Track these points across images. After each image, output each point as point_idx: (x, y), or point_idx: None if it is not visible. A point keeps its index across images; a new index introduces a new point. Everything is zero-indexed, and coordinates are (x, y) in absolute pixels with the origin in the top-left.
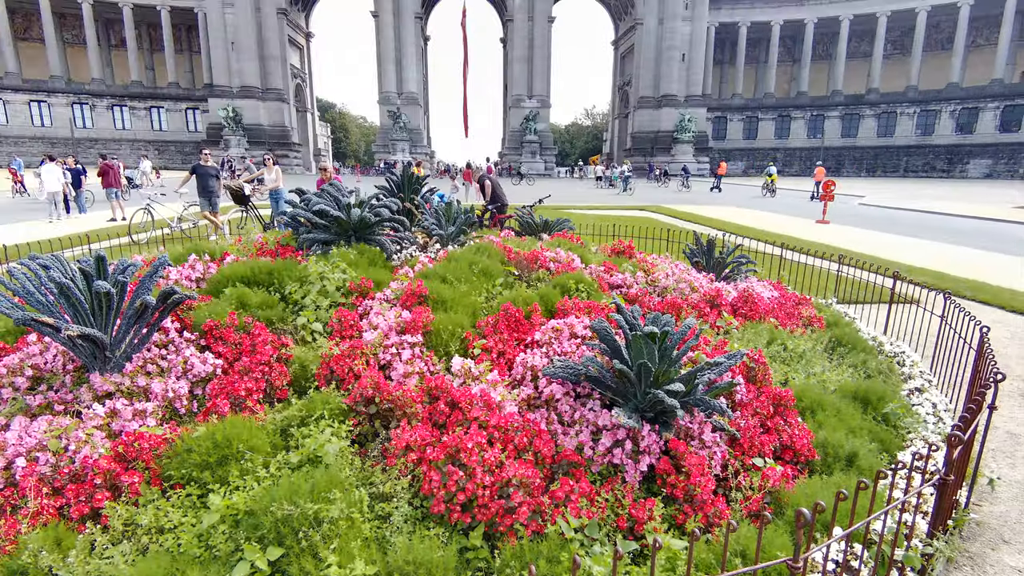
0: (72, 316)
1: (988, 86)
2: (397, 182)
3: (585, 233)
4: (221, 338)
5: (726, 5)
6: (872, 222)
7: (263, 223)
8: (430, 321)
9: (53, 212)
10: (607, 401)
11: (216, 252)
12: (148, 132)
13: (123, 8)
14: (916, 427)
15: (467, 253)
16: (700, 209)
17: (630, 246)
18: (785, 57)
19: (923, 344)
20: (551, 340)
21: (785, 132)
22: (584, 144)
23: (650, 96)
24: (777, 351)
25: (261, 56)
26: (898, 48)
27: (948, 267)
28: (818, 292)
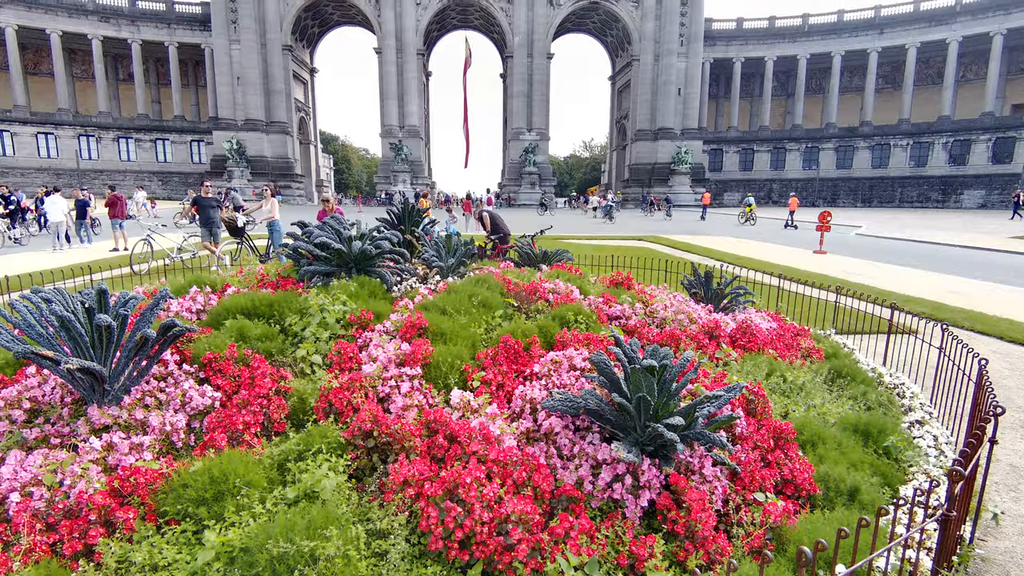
0: (72, 349)
1: (979, 119)
2: (398, 214)
3: (583, 264)
4: (220, 370)
5: (720, 42)
6: (869, 252)
7: (258, 254)
8: (429, 353)
9: (56, 243)
10: (607, 434)
11: (217, 284)
12: (153, 163)
13: (132, 44)
14: (918, 460)
15: (467, 285)
16: (697, 239)
17: (628, 277)
18: (779, 91)
19: (922, 375)
20: (550, 372)
21: (781, 163)
22: (583, 175)
23: (647, 129)
24: (777, 383)
25: (266, 90)
26: (890, 82)
27: (945, 297)
28: (816, 323)
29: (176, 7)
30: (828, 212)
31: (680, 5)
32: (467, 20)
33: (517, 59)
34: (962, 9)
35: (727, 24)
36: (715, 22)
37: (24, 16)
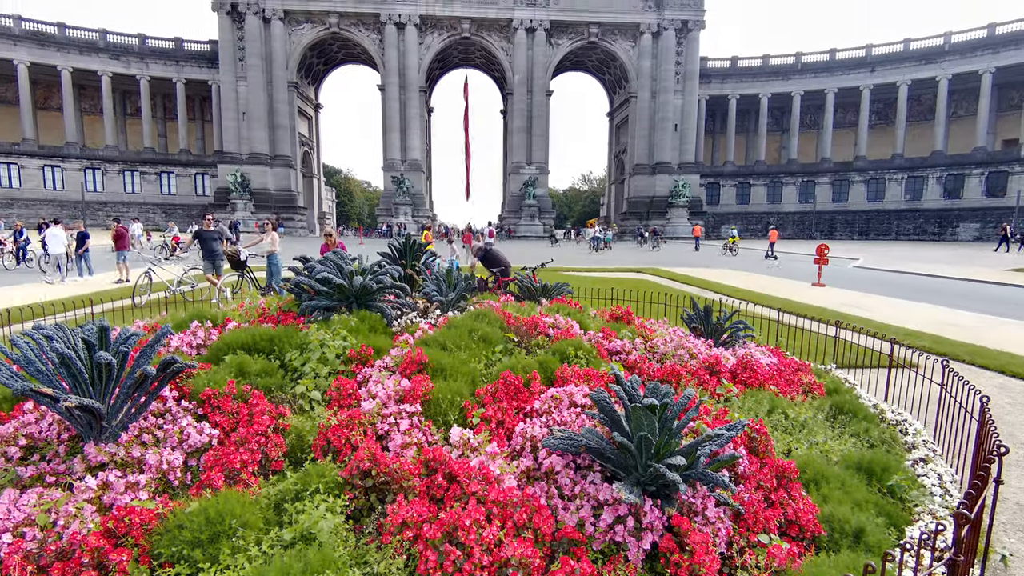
0: (71, 385)
1: (971, 154)
2: (399, 249)
3: (583, 297)
4: (219, 407)
5: (716, 79)
6: (867, 285)
7: (259, 287)
8: (429, 390)
9: (55, 274)
10: (608, 473)
11: (218, 318)
12: (157, 196)
13: (140, 80)
14: (923, 500)
15: (467, 319)
16: (695, 271)
17: (628, 312)
18: (774, 127)
19: (924, 410)
20: (550, 409)
21: (777, 197)
22: (582, 208)
23: (645, 163)
24: (778, 420)
25: (271, 125)
26: (882, 118)
27: (945, 330)
28: (817, 357)
29: (185, 45)
30: (825, 246)
31: (676, 45)
32: (468, 59)
33: (517, 96)
34: (951, 49)
35: (722, 63)
36: (710, 60)
37: (37, 53)
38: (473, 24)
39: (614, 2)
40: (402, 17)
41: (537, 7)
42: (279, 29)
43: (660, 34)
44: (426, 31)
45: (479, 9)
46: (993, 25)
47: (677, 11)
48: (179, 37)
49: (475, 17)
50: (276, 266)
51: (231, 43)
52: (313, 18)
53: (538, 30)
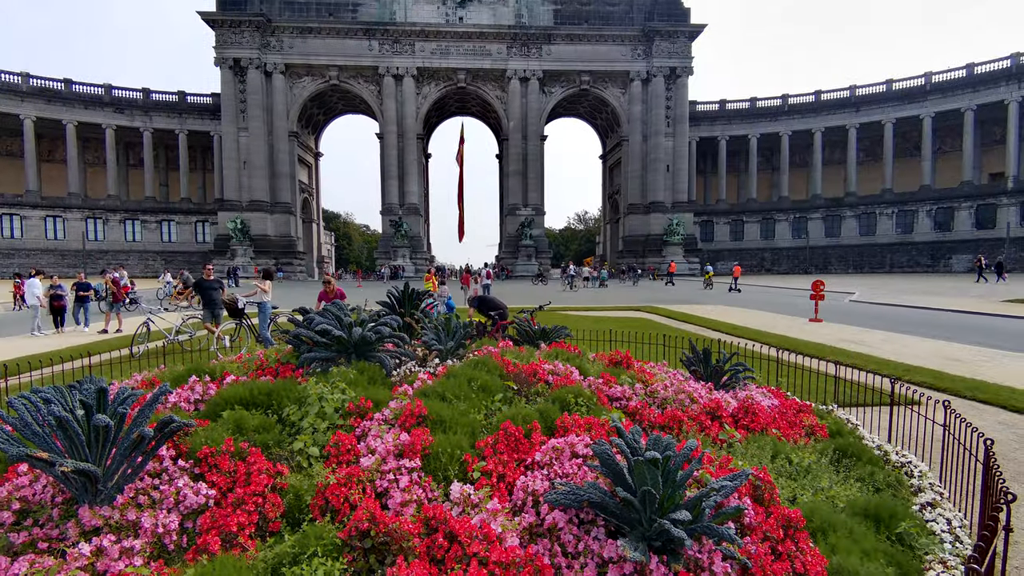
0: (67, 447)
1: (959, 187)
2: (398, 297)
3: (581, 340)
4: (216, 466)
5: (705, 122)
6: (864, 319)
7: (256, 334)
8: (429, 444)
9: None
10: (612, 527)
11: (216, 371)
12: (157, 243)
13: (144, 133)
14: (933, 548)
15: (466, 368)
16: (692, 309)
17: (627, 356)
18: (764, 165)
19: (929, 449)
20: (552, 461)
21: (770, 233)
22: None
23: (638, 203)
24: (782, 465)
25: (271, 174)
26: (870, 155)
27: (945, 365)
28: (817, 396)
29: (188, 98)
30: (821, 282)
31: (665, 90)
32: (465, 107)
33: (512, 141)
34: (932, 88)
35: (711, 106)
36: (699, 104)
37: (43, 109)
38: (469, 74)
39: (604, 52)
40: (400, 69)
41: (530, 58)
42: (280, 82)
43: (649, 81)
44: (423, 82)
45: (474, 61)
46: (972, 65)
47: (665, 59)
48: (182, 91)
49: (470, 68)
50: (265, 313)
51: (233, 96)
52: (313, 71)
53: (531, 79)
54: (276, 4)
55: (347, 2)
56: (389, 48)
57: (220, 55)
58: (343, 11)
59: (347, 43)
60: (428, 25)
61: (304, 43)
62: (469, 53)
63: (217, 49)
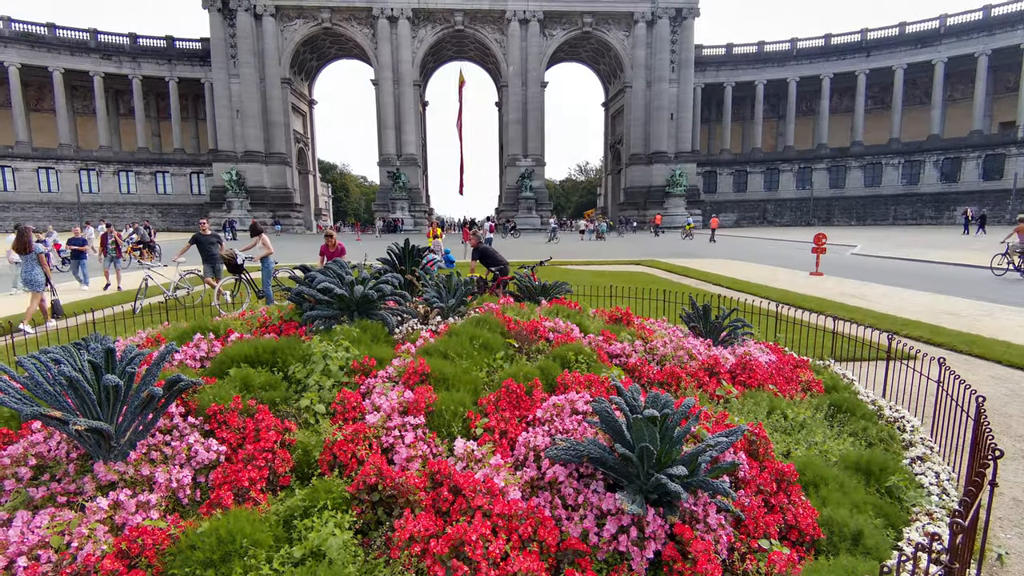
0: (79, 407)
1: (968, 137)
2: (399, 254)
3: (582, 295)
4: (225, 423)
5: (711, 67)
6: (865, 272)
7: (255, 289)
8: (432, 401)
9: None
10: (611, 481)
11: (220, 329)
12: (152, 196)
13: (133, 80)
14: (920, 500)
15: (467, 326)
16: (692, 263)
17: (627, 313)
18: (770, 114)
19: (922, 404)
20: (552, 418)
21: (774, 184)
22: (579, 199)
23: (641, 153)
24: (777, 421)
25: (265, 123)
26: (879, 103)
27: (942, 319)
28: (815, 351)
29: (176, 44)
30: (823, 235)
31: (670, 33)
32: (462, 52)
33: (512, 88)
34: (947, 31)
35: (717, 50)
36: (705, 48)
37: (28, 55)
38: (466, 16)
39: None
40: (394, 11)
41: None
42: (271, 25)
43: (654, 23)
44: (419, 24)
45: (472, 1)
46: (988, 7)
47: None
48: (170, 36)
49: (468, 9)
50: (268, 269)
51: (223, 40)
52: (305, 13)
53: (532, 21)
54: None
55: None
56: None
57: None
58: None
59: None
60: None
61: None
62: None
63: None
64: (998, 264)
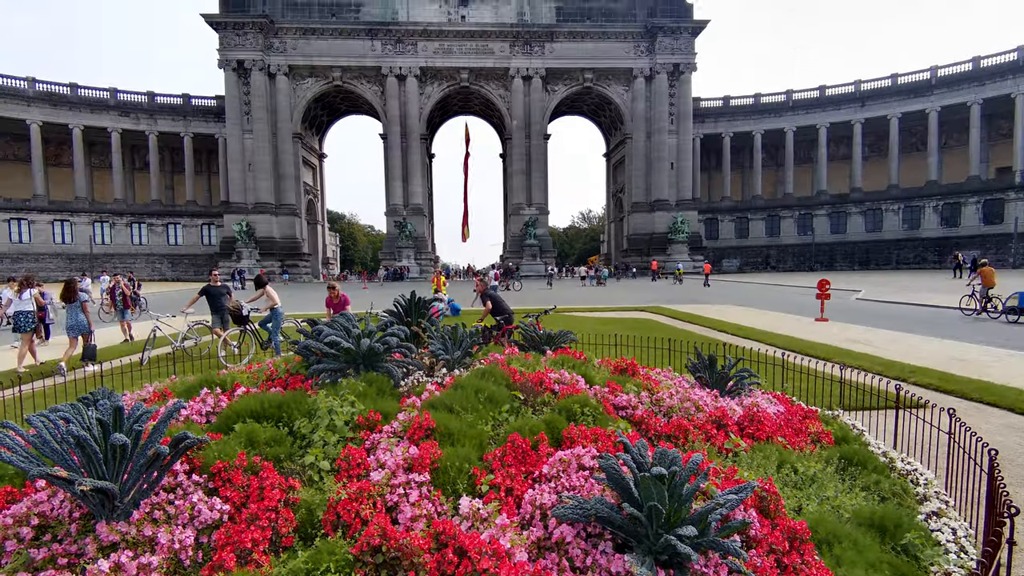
0: (85, 464)
1: (966, 183)
2: (405, 306)
3: (586, 344)
4: (229, 480)
5: (709, 119)
6: (870, 318)
7: (260, 340)
8: (437, 457)
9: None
10: (619, 540)
11: (227, 383)
12: (164, 247)
13: (149, 136)
14: (938, 559)
15: (473, 379)
16: (697, 309)
17: (632, 363)
18: (769, 162)
19: (934, 455)
20: (559, 473)
21: (776, 230)
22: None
23: (643, 201)
24: (788, 475)
25: (276, 176)
26: (876, 150)
27: (951, 365)
28: (823, 400)
29: (192, 101)
30: (827, 280)
31: (668, 87)
32: (468, 106)
33: (516, 141)
34: (938, 82)
35: (715, 102)
36: (703, 101)
37: (50, 113)
38: (472, 74)
39: (607, 49)
40: (403, 69)
41: (533, 56)
42: (284, 84)
43: (653, 78)
44: (426, 81)
45: (477, 59)
46: (977, 59)
47: (668, 56)
48: (187, 93)
49: (473, 67)
50: (277, 320)
51: (237, 98)
52: (317, 73)
53: (534, 78)
54: (279, 5)
55: (349, 2)
56: (392, 48)
57: (224, 57)
58: (346, 12)
59: (350, 44)
60: (430, 24)
61: (307, 44)
62: (472, 52)
63: (221, 51)
64: (966, 305)
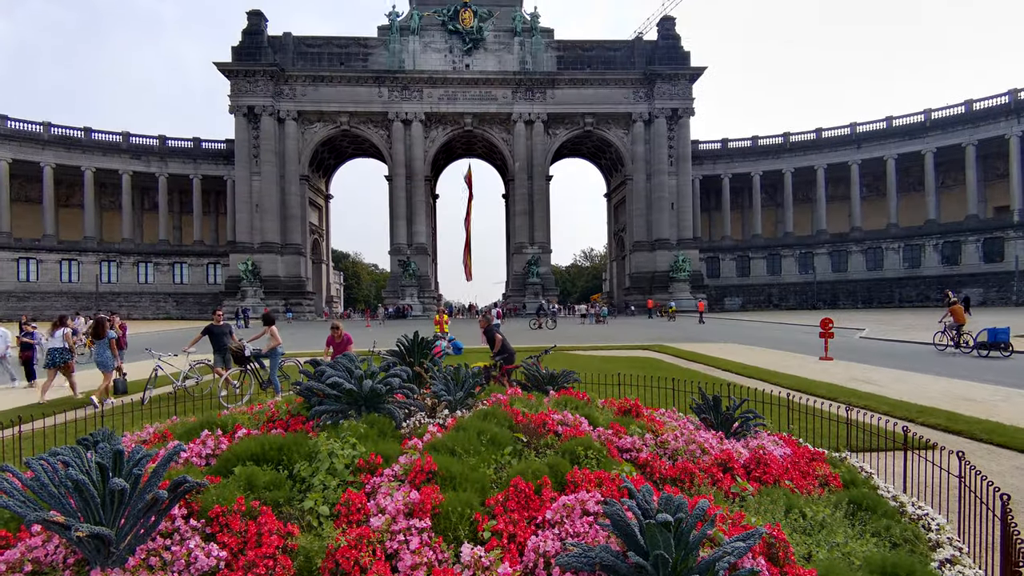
0: (82, 509)
1: (965, 222)
2: (408, 347)
3: (589, 383)
4: (227, 526)
5: (708, 160)
6: (874, 356)
7: (260, 380)
8: (439, 502)
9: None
10: None
11: (228, 424)
12: (169, 285)
13: (159, 177)
14: None
15: (475, 420)
16: (700, 347)
17: (636, 404)
18: (768, 201)
19: (945, 498)
20: (562, 519)
21: (777, 269)
22: (584, 283)
23: (644, 240)
24: (796, 520)
25: (283, 216)
26: (874, 190)
27: (958, 405)
28: (830, 441)
29: (203, 145)
30: (830, 319)
31: (667, 131)
32: (471, 149)
33: (518, 182)
34: (932, 124)
35: (713, 145)
36: (702, 144)
37: (63, 156)
38: (475, 119)
39: (607, 94)
40: (408, 115)
41: (535, 102)
42: (293, 128)
43: (651, 122)
44: (431, 126)
45: (480, 105)
46: (970, 102)
47: (666, 101)
48: (197, 137)
49: (477, 112)
50: (275, 360)
51: (247, 142)
52: (325, 117)
53: (536, 122)
54: (289, 54)
55: (358, 52)
56: (398, 95)
57: (235, 103)
58: (354, 60)
59: (358, 90)
60: (436, 72)
61: (316, 91)
62: (475, 98)
63: (232, 97)
64: (939, 340)
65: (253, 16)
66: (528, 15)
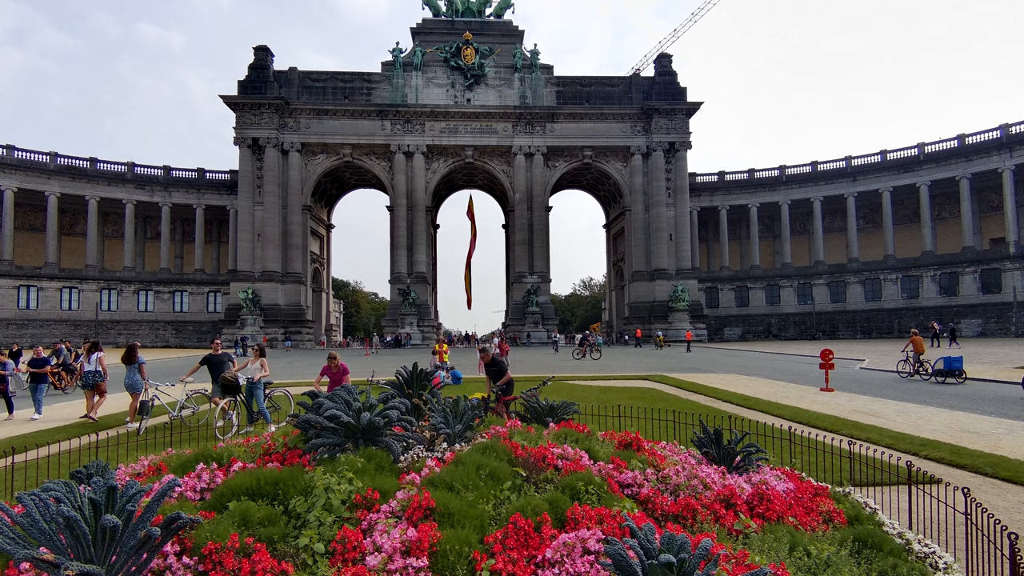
0: (73, 546)
1: (961, 253)
2: (407, 378)
3: (588, 413)
4: (220, 563)
5: (705, 192)
6: (875, 387)
7: (250, 412)
8: (436, 540)
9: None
10: None
11: (224, 457)
12: (169, 313)
13: (163, 207)
14: None
15: (474, 454)
16: (700, 378)
17: (637, 437)
18: (766, 233)
19: (952, 535)
20: (563, 558)
21: (775, 299)
22: (584, 312)
23: (643, 271)
24: (801, 559)
25: (284, 246)
26: (870, 222)
27: (961, 438)
28: (833, 475)
29: (207, 175)
30: (830, 350)
31: (665, 164)
32: (472, 180)
33: (518, 212)
34: (926, 158)
35: (710, 177)
36: (699, 176)
37: (68, 185)
38: (476, 151)
39: (605, 128)
40: (410, 147)
41: (535, 135)
42: (296, 160)
43: (649, 155)
44: (433, 158)
45: (481, 138)
46: (962, 136)
47: (664, 135)
48: (201, 168)
49: (478, 145)
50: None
51: (250, 172)
52: (328, 149)
53: (536, 155)
54: (295, 88)
55: (362, 86)
56: (401, 128)
57: (240, 135)
58: (358, 94)
59: (361, 123)
60: (438, 106)
61: (320, 123)
62: (476, 131)
63: (237, 129)
64: (901, 368)
65: (259, 51)
66: (528, 52)
